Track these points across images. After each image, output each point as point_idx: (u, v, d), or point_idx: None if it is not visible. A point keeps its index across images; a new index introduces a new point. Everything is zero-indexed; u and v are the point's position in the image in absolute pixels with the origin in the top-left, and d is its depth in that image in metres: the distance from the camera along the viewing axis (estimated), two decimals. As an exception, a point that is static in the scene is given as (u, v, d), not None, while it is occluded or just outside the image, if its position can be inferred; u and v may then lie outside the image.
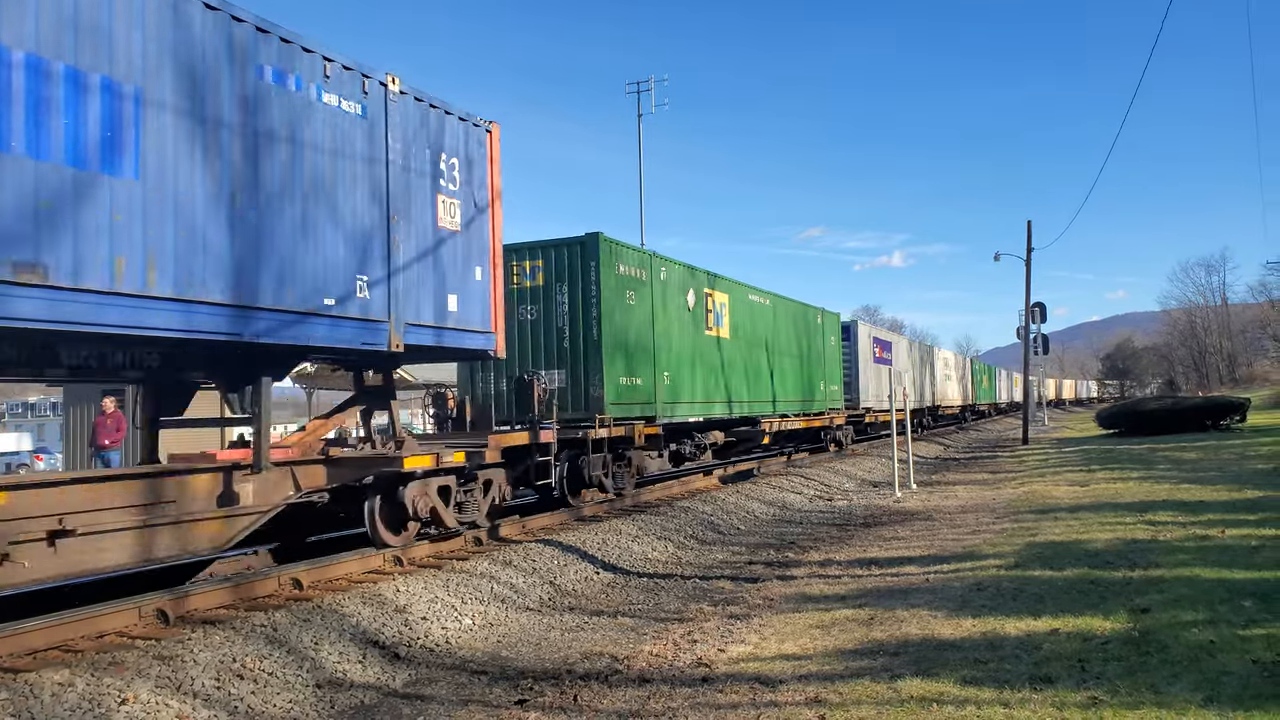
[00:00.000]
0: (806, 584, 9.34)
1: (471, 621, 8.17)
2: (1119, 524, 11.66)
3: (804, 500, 17.23)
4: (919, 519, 13.99)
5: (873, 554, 10.91)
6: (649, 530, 12.41)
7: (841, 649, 6.72)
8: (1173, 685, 5.38)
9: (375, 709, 6.09)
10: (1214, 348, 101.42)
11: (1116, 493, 15.25)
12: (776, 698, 5.68)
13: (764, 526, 14.15)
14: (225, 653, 6.42)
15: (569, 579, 9.84)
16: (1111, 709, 5.06)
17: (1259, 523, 11.00)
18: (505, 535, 11.29)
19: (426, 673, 6.83)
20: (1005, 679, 5.68)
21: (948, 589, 8.52)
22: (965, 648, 6.48)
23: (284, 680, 6.31)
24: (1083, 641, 6.42)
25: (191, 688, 5.90)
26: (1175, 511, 12.43)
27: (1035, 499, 15.33)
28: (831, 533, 13.22)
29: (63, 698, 5.42)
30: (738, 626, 7.62)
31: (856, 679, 5.92)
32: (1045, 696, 5.32)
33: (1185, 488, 15.25)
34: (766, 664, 6.42)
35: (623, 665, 6.67)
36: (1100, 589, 8.02)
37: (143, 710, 5.50)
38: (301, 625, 7.13)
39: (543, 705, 5.88)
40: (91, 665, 5.90)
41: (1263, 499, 13.26)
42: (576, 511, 13.13)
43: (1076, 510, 13.37)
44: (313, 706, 6.08)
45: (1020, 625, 6.97)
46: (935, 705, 5.30)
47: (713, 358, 17.68)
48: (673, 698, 5.83)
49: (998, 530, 12.05)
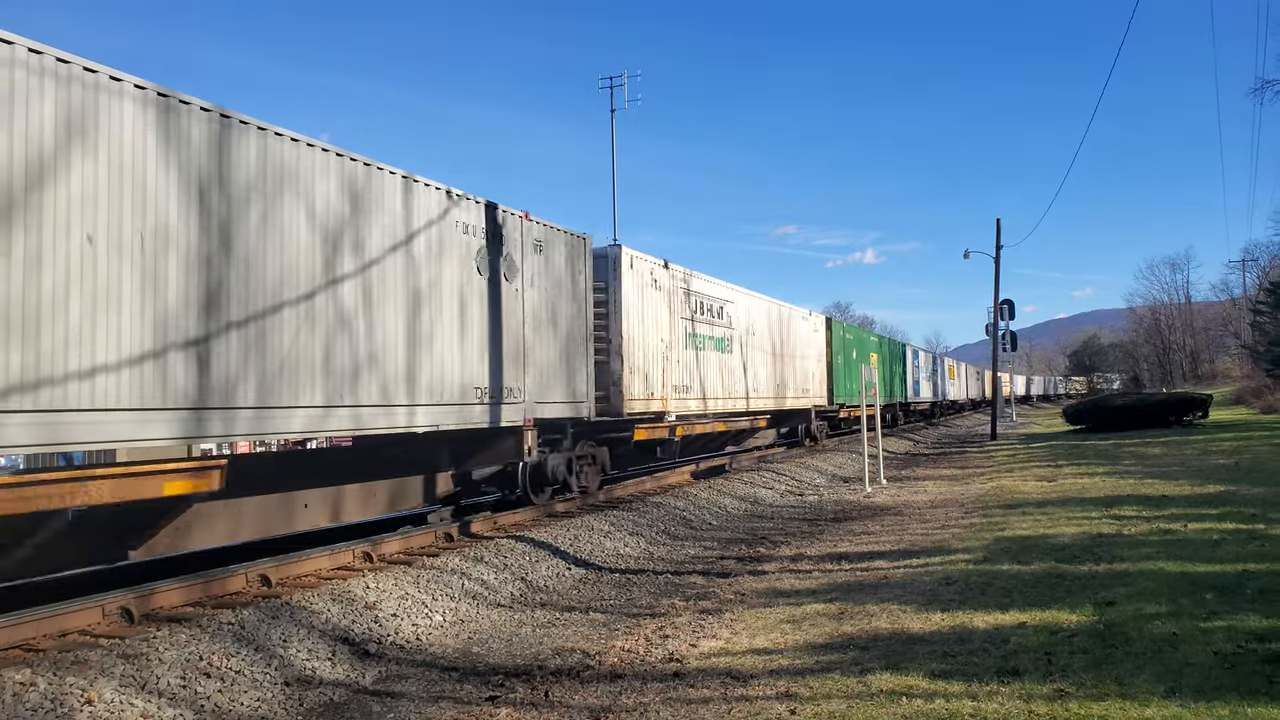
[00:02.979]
0: (778, 579, 9.38)
1: (442, 618, 8.13)
2: (1085, 519, 11.82)
3: (775, 495, 17.31)
4: (889, 514, 14.10)
5: (843, 549, 10.98)
6: (621, 526, 12.40)
7: (812, 643, 6.75)
8: (1137, 677, 5.46)
9: (345, 706, 6.04)
10: (1178, 344, 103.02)
11: (1083, 488, 15.46)
12: (748, 692, 5.70)
13: (736, 522, 14.20)
14: (191, 651, 6.34)
15: (540, 575, 9.82)
16: (1077, 701, 5.12)
17: (1220, 517, 11.20)
18: (476, 531, 11.23)
19: (397, 670, 6.79)
20: (973, 672, 5.74)
21: (917, 583, 8.60)
22: (934, 641, 6.54)
23: (251, 678, 6.25)
24: (1049, 635, 6.50)
25: (157, 686, 5.82)
26: (1140, 506, 12.62)
27: (1003, 494, 15.50)
28: (803, 528, 13.29)
29: (24, 697, 5.33)
30: (709, 621, 7.64)
31: (827, 673, 5.95)
32: (1013, 689, 5.38)
33: (1150, 483, 15.49)
34: (738, 658, 6.45)
35: (594, 661, 6.67)
36: (1066, 583, 8.12)
37: (106, 710, 5.41)
38: (270, 622, 7.05)
39: (514, 701, 5.86)
40: (54, 664, 5.80)
41: (1224, 493, 13.50)
42: (548, 508, 13.11)
43: (1044, 505, 13.54)
44: (281, 705, 6.02)
45: (988, 619, 7.04)
46: (905, 698, 5.34)
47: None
48: (644, 693, 5.83)
49: (966, 525, 12.17)
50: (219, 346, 7.52)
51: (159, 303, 7.02)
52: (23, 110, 6.18)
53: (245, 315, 7.80)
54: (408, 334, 9.78)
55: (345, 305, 8.95)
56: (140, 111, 6.98)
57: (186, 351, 7.22)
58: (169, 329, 7.10)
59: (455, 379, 10.51)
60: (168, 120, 7.19)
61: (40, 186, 6.23)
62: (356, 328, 9.07)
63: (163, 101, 7.17)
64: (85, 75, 6.59)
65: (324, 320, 8.68)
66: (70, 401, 6.34)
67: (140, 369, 6.85)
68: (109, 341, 6.62)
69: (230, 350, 7.64)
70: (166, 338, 7.07)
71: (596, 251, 14.22)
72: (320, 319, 8.63)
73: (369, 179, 9.38)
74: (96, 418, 6.51)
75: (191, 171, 7.37)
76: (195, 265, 7.35)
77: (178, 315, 7.17)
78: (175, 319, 7.14)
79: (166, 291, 7.09)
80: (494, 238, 11.34)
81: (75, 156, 6.46)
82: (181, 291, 7.21)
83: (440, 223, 10.41)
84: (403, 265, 9.77)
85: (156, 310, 7.00)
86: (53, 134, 6.33)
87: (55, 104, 6.36)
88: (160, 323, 7.04)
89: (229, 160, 7.74)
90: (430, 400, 10.07)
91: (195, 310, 7.32)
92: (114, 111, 6.78)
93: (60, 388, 6.27)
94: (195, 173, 7.41)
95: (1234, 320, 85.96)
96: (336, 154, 8.95)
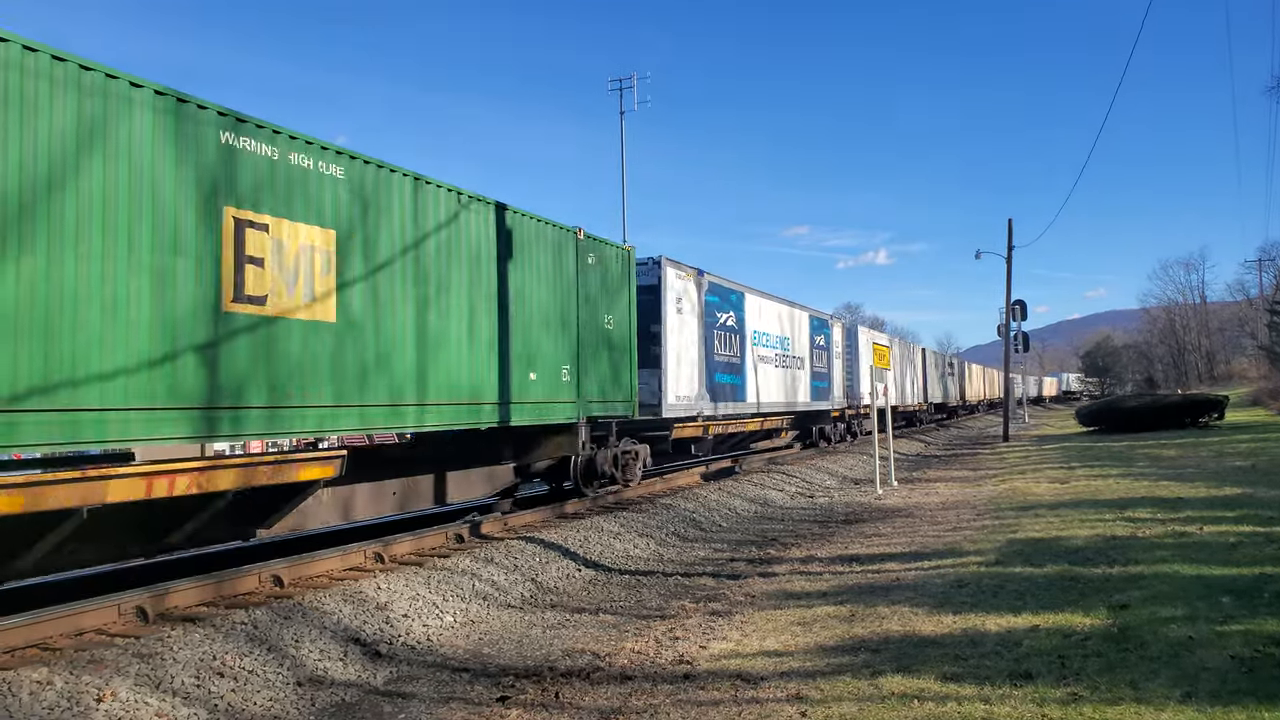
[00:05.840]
0: (788, 581, 9.36)
1: (453, 619, 8.15)
2: (1099, 521, 11.75)
3: (785, 497, 17.28)
4: (900, 516, 14.06)
5: (854, 551, 10.95)
6: (630, 527, 12.41)
7: (823, 645, 6.74)
8: (1152, 681, 5.42)
9: (356, 707, 6.06)
10: (1192, 345, 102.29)
11: (1096, 490, 15.37)
12: (758, 694, 5.69)
13: (746, 523, 14.18)
14: (205, 650, 6.37)
15: (551, 576, 9.83)
16: (1091, 705, 5.09)
17: (1237, 519, 11.11)
18: (487, 532, 11.26)
19: (408, 670, 6.81)
20: (986, 675, 5.71)
21: (929, 585, 8.56)
22: (946, 644, 6.51)
23: (264, 678, 6.27)
24: (1063, 638, 6.46)
25: (171, 685, 5.85)
26: (1154, 508, 12.54)
27: (1016, 496, 15.43)
28: (813, 530, 13.26)
29: (41, 696, 5.37)
30: (720, 623, 7.63)
31: (838, 675, 5.94)
32: (1025, 693, 5.36)
33: (1164, 485, 15.39)
34: (748, 661, 6.44)
35: (604, 662, 6.67)
36: (1080, 585, 8.07)
37: (121, 708, 5.45)
38: (282, 623, 7.09)
39: (524, 703, 5.87)
40: (70, 663, 5.84)
41: (1240, 496, 13.40)
42: (559, 509, 13.13)
43: (1057, 507, 13.46)
44: (293, 704, 6.04)
45: (1001, 622, 7.01)
46: (916, 701, 5.32)
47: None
48: (654, 695, 5.83)
49: (978, 527, 12.12)
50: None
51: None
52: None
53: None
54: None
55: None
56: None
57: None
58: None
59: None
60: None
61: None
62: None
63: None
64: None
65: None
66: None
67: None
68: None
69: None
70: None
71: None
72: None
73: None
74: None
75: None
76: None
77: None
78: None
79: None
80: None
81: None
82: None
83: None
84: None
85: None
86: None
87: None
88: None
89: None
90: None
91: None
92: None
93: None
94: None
95: (1250, 320, 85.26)
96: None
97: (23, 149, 6.06)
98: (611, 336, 14.05)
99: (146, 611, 7.12)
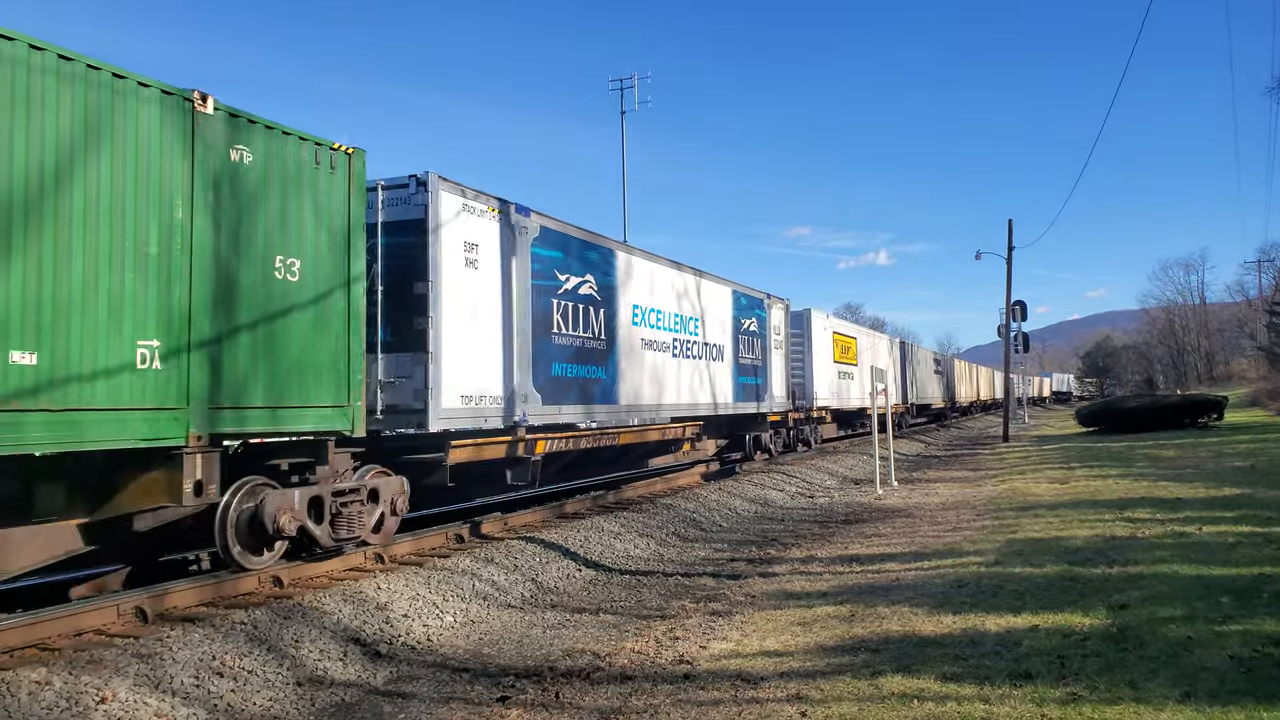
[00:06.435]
0: (788, 581, 9.36)
1: (453, 619, 8.15)
2: (1098, 521, 11.75)
3: (786, 498, 17.28)
4: (900, 516, 14.06)
5: (854, 551, 10.96)
6: (631, 527, 12.41)
7: (823, 645, 6.74)
8: (1151, 681, 5.43)
9: (356, 707, 6.06)
10: (1192, 346, 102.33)
11: (1096, 490, 15.38)
12: (758, 694, 5.69)
13: (746, 523, 14.18)
14: (205, 650, 6.37)
15: (551, 576, 9.83)
16: (1091, 705, 5.10)
17: (1236, 520, 11.12)
18: (487, 532, 11.26)
19: (408, 670, 6.81)
20: (986, 675, 5.72)
21: (929, 586, 8.57)
22: (946, 644, 6.51)
23: (264, 678, 6.27)
24: (1062, 638, 6.47)
25: (170, 686, 5.85)
26: (1154, 509, 12.55)
27: (1015, 496, 15.43)
28: (813, 530, 13.26)
29: (40, 696, 5.37)
30: (720, 623, 7.64)
31: (838, 675, 5.94)
32: (1025, 692, 5.36)
33: (1164, 485, 15.40)
34: (748, 661, 6.44)
35: (605, 662, 6.67)
36: (1080, 586, 8.08)
37: (121, 708, 5.45)
38: (282, 623, 7.08)
39: (524, 703, 5.87)
40: (69, 663, 5.84)
41: (1239, 496, 13.41)
42: (558, 509, 13.14)
43: (1056, 507, 13.47)
44: (293, 704, 6.04)
45: (1001, 622, 7.01)
46: (916, 701, 5.32)
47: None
48: (655, 695, 5.83)
49: (978, 527, 12.13)
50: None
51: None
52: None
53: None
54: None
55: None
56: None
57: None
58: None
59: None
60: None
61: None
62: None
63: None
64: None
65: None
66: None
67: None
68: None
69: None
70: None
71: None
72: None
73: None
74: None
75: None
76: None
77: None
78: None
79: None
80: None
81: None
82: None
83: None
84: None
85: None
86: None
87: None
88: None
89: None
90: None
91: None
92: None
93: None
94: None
95: (1250, 321, 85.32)
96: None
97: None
98: (295, 292, 8.29)
99: (146, 612, 7.11)
